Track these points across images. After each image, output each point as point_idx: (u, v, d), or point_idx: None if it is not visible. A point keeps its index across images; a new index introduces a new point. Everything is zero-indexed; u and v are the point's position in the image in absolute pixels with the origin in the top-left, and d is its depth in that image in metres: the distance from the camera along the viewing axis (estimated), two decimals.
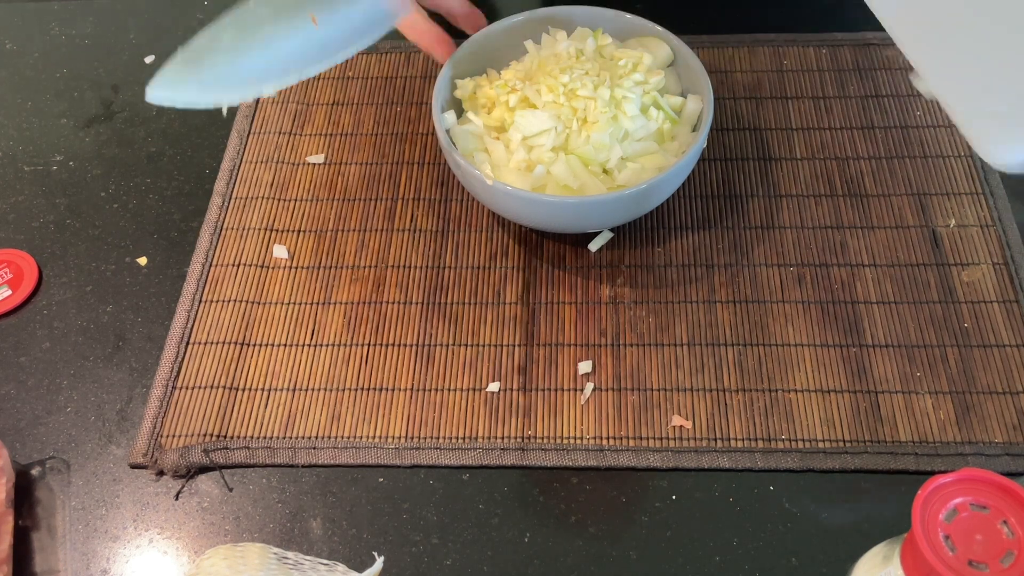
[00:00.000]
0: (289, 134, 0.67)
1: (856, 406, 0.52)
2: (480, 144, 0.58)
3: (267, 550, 0.44)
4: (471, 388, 0.54)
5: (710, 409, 0.52)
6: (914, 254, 0.58)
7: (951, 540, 0.33)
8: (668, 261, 0.58)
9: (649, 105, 0.57)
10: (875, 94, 0.66)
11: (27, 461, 0.52)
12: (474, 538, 0.49)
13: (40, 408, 0.55)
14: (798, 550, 0.48)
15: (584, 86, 0.56)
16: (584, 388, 0.53)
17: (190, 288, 0.58)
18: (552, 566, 0.48)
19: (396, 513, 0.50)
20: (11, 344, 0.57)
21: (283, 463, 0.52)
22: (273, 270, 0.59)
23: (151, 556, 0.49)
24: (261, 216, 0.62)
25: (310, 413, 0.53)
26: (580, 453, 0.51)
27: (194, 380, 0.55)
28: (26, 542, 0.49)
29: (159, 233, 0.62)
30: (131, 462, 0.52)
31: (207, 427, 0.53)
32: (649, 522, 0.49)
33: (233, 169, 0.65)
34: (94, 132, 0.69)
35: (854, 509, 0.49)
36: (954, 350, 0.54)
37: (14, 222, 0.63)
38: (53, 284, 0.60)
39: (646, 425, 0.52)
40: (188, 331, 0.57)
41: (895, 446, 0.50)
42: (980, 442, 0.50)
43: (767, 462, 0.50)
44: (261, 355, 0.56)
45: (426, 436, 0.52)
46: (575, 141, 0.56)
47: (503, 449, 0.51)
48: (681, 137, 0.58)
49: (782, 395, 0.53)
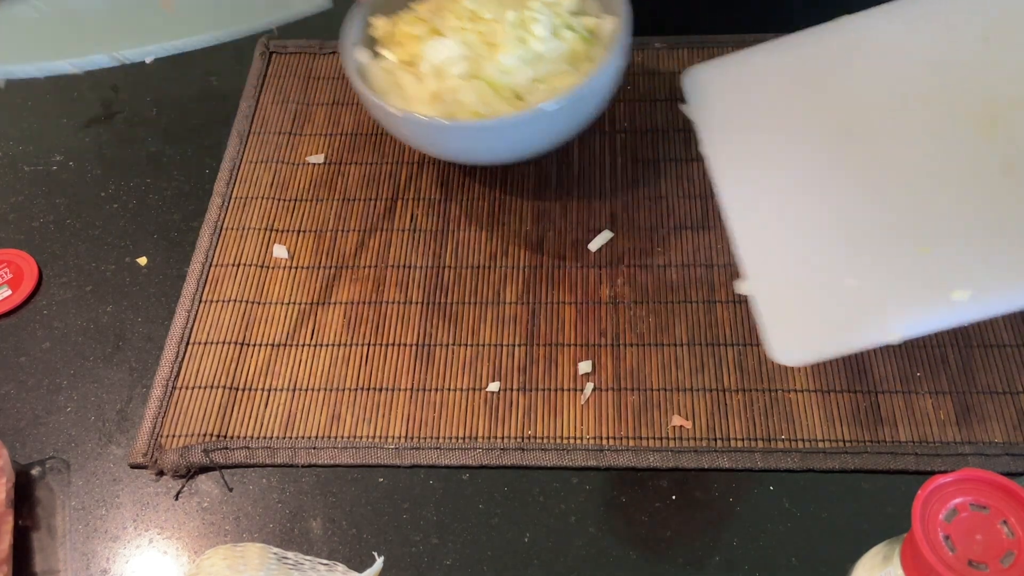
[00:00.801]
0: (289, 134, 0.67)
1: (856, 406, 0.52)
2: (393, 80, 0.58)
3: (267, 550, 0.44)
4: (471, 388, 0.54)
5: (710, 409, 0.52)
6: None
7: (951, 540, 0.33)
8: (668, 261, 0.58)
9: (561, 26, 0.57)
10: None
11: (27, 461, 0.52)
12: (474, 538, 0.49)
13: (40, 408, 0.55)
14: (798, 550, 0.48)
15: (489, 9, 0.55)
16: (584, 388, 0.53)
17: (190, 288, 0.58)
18: (552, 566, 0.48)
19: (396, 513, 0.50)
20: (11, 344, 0.57)
21: (283, 463, 0.52)
22: (273, 270, 0.59)
23: (151, 556, 0.49)
24: (261, 216, 0.62)
25: (310, 413, 0.53)
26: (580, 453, 0.51)
27: (194, 380, 0.55)
28: (26, 542, 0.49)
29: (159, 233, 0.62)
30: (131, 462, 0.52)
31: (207, 427, 0.53)
32: (649, 522, 0.49)
33: (233, 169, 0.65)
34: (94, 132, 0.69)
35: (854, 509, 0.49)
36: (954, 350, 0.54)
37: (14, 222, 0.63)
38: (53, 284, 0.60)
39: (646, 425, 0.52)
40: (188, 331, 0.57)
41: (895, 446, 0.50)
42: (980, 442, 0.50)
43: (767, 462, 0.50)
44: (261, 355, 0.56)
45: (426, 436, 0.52)
46: (486, 67, 0.55)
47: (503, 449, 0.51)
48: (599, 59, 0.57)
49: (782, 395, 0.53)
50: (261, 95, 0.69)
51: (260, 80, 0.70)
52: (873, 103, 0.54)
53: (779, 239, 0.52)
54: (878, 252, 0.49)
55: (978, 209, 0.48)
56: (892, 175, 0.51)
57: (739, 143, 0.56)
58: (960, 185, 0.49)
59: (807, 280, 0.50)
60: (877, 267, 0.48)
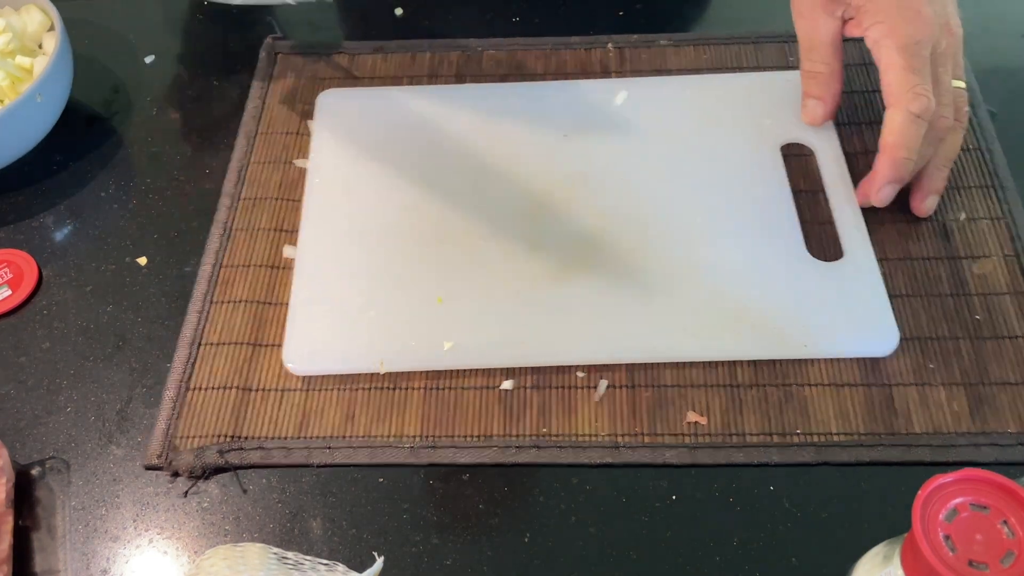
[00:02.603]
0: (296, 134, 0.67)
1: (870, 399, 0.52)
2: None
3: (267, 550, 0.44)
4: (484, 386, 0.54)
5: (724, 405, 0.52)
6: (925, 247, 0.58)
7: (951, 540, 0.33)
8: None
9: None
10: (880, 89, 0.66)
11: (27, 461, 0.52)
12: (474, 538, 0.49)
13: (40, 408, 0.55)
14: (798, 550, 0.48)
15: None
16: (598, 385, 0.53)
17: (201, 289, 0.58)
18: (552, 566, 0.48)
19: (396, 513, 0.50)
20: (11, 344, 0.57)
21: (299, 463, 0.51)
22: (284, 271, 0.59)
23: (151, 556, 0.49)
24: (270, 217, 0.62)
25: (324, 413, 0.53)
26: (596, 450, 0.51)
27: (207, 381, 0.55)
28: (26, 542, 0.49)
29: (159, 233, 0.62)
30: (146, 464, 0.52)
31: (221, 428, 0.53)
32: (649, 522, 0.49)
33: (241, 170, 0.64)
34: (94, 132, 0.69)
35: (854, 509, 0.49)
36: (967, 342, 0.54)
37: (14, 222, 0.64)
38: (53, 284, 0.60)
39: (661, 421, 0.52)
40: (199, 332, 0.57)
41: (910, 438, 0.50)
42: (994, 433, 0.50)
43: (782, 456, 0.50)
44: (274, 355, 0.56)
45: (441, 435, 0.52)
46: None
47: (518, 447, 0.51)
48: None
49: (796, 390, 0.53)
50: (267, 96, 0.69)
51: (266, 80, 0.70)
52: (458, 165, 0.62)
53: (337, 253, 0.58)
54: (403, 293, 0.56)
55: (492, 275, 0.56)
56: (444, 233, 0.59)
57: (340, 167, 0.63)
58: (480, 251, 0.57)
59: (341, 300, 0.56)
60: (396, 305, 0.55)
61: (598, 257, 0.57)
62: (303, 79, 0.70)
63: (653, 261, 0.57)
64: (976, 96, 0.65)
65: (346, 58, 0.71)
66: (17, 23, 0.66)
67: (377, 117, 0.65)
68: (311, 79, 0.70)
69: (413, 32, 0.73)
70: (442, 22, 0.74)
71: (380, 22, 0.74)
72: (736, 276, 0.56)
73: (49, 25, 0.67)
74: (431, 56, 0.70)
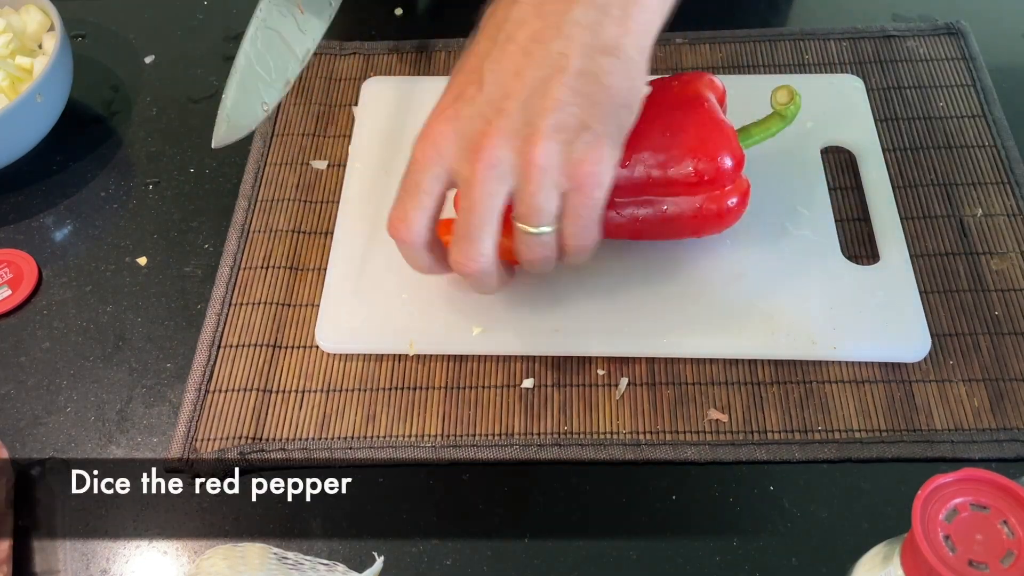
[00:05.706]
0: (312, 135, 0.66)
1: (891, 395, 0.52)
2: None
3: (267, 550, 0.44)
4: (505, 385, 0.54)
5: (746, 402, 0.52)
6: (943, 243, 0.58)
7: (951, 540, 0.33)
8: None
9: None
10: (896, 86, 0.66)
11: (27, 461, 0.52)
12: (474, 538, 0.49)
13: (40, 408, 0.55)
14: (798, 550, 0.48)
15: None
16: (619, 383, 0.53)
17: (219, 291, 0.58)
18: (552, 566, 0.48)
19: (396, 513, 0.50)
20: (11, 344, 0.57)
21: (320, 464, 0.51)
22: (303, 272, 0.59)
23: (151, 556, 0.49)
24: (288, 218, 0.62)
25: (345, 413, 0.53)
26: (617, 448, 0.51)
27: (227, 383, 0.55)
28: (26, 542, 0.49)
29: (159, 233, 0.62)
30: (166, 466, 0.52)
31: (242, 430, 0.53)
32: (649, 522, 0.49)
33: (258, 171, 0.64)
34: (94, 132, 0.69)
35: (854, 509, 0.49)
36: (986, 338, 0.54)
37: (14, 222, 0.64)
38: (53, 284, 0.60)
39: (682, 419, 0.52)
40: (219, 334, 0.56)
41: (931, 434, 0.51)
42: (1015, 428, 0.51)
43: (803, 453, 0.50)
44: (294, 357, 0.55)
45: (462, 434, 0.52)
46: None
47: (540, 445, 0.51)
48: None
49: (816, 387, 0.53)
50: (283, 97, 0.68)
51: None
52: None
53: (375, 235, 0.58)
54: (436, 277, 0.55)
55: None
56: None
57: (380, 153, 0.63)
58: None
59: (376, 281, 0.56)
60: (429, 288, 0.56)
61: (630, 251, 0.56)
62: (319, 79, 0.69)
63: (686, 260, 0.56)
64: (991, 95, 0.65)
65: (361, 58, 0.71)
66: (17, 23, 0.66)
67: (419, 105, 0.65)
68: (326, 80, 0.69)
69: (413, 32, 0.73)
70: (442, 22, 0.74)
71: (380, 22, 0.74)
72: (770, 277, 0.56)
73: (49, 25, 0.67)
74: (445, 54, 0.70)
